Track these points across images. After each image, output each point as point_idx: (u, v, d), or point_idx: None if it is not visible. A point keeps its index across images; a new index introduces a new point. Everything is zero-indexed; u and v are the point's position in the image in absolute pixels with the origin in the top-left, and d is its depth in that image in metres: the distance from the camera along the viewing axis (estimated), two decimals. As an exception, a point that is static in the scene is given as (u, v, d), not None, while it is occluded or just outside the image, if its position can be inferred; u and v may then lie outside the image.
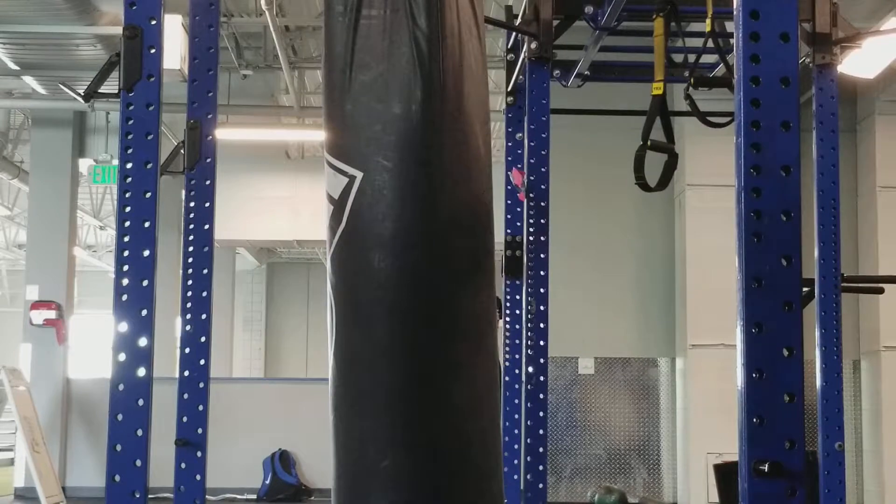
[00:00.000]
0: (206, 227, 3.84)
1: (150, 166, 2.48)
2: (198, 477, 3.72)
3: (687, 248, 8.68)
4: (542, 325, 4.03)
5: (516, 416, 4.41)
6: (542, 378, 4.01)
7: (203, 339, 3.79)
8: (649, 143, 3.59)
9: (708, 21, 3.45)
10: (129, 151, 2.48)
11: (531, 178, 4.10)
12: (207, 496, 3.82)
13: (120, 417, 2.40)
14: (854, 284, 4.79)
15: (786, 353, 1.74)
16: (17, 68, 8.28)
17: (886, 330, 8.38)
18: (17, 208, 15.59)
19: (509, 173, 4.51)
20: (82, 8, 7.06)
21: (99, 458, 8.99)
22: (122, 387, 2.40)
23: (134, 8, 2.50)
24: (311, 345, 19.52)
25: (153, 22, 2.49)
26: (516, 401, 4.43)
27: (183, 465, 3.73)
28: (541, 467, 3.94)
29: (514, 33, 4.62)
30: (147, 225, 2.45)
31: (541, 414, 3.98)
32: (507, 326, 4.54)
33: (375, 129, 2.66)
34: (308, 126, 10.40)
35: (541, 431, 3.96)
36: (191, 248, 3.82)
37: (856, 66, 5.54)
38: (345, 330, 2.71)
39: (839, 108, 4.21)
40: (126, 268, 2.44)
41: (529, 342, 4.03)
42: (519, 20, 4.33)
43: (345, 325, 2.71)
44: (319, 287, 18.26)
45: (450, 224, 2.70)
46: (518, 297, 4.42)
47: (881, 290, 4.74)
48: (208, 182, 3.85)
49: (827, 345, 4.10)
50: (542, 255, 4.07)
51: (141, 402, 2.40)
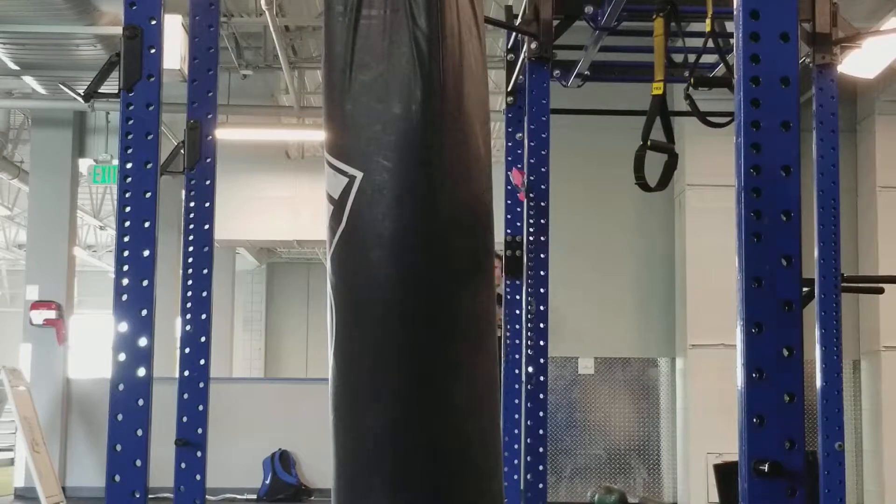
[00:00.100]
0: (206, 227, 3.84)
1: (150, 166, 2.48)
2: (198, 477, 3.72)
3: (687, 248, 8.68)
4: (542, 325, 4.03)
5: (516, 416, 4.41)
6: (542, 378, 4.01)
7: (203, 339, 3.79)
8: (649, 143, 3.59)
9: (708, 21, 3.45)
10: (129, 151, 2.48)
11: (531, 178, 4.10)
12: (207, 496, 3.82)
13: (120, 417, 2.40)
14: (854, 284, 4.79)
15: (786, 353, 1.74)
16: (17, 68, 8.27)
17: (886, 330, 8.37)
18: (17, 208, 15.58)
19: (509, 173, 4.51)
20: (82, 8, 7.05)
21: (99, 458, 8.98)
22: (122, 387, 2.41)
23: (134, 8, 2.50)
24: (311, 345, 19.51)
25: (153, 22, 2.49)
26: (516, 401, 4.43)
27: (183, 465, 3.73)
28: (541, 467, 3.94)
29: (514, 33, 4.62)
30: (147, 225, 2.45)
31: (541, 414, 3.98)
32: (507, 326, 4.54)
33: (375, 129, 2.66)
34: (308, 126, 10.40)
35: (541, 431, 3.96)
36: (191, 248, 3.83)
37: (856, 66, 5.54)
38: (345, 330, 2.71)
39: (839, 108, 4.21)
40: (126, 268, 2.44)
41: (529, 342, 4.03)
42: (519, 20, 4.33)
43: (345, 325, 2.71)
44: (319, 287, 18.26)
45: (450, 224, 2.70)
46: (518, 297, 4.42)
47: (881, 290, 4.74)
48: (208, 182, 3.85)
49: (827, 345, 4.10)
50: (542, 255, 4.07)
51: (141, 402, 2.40)
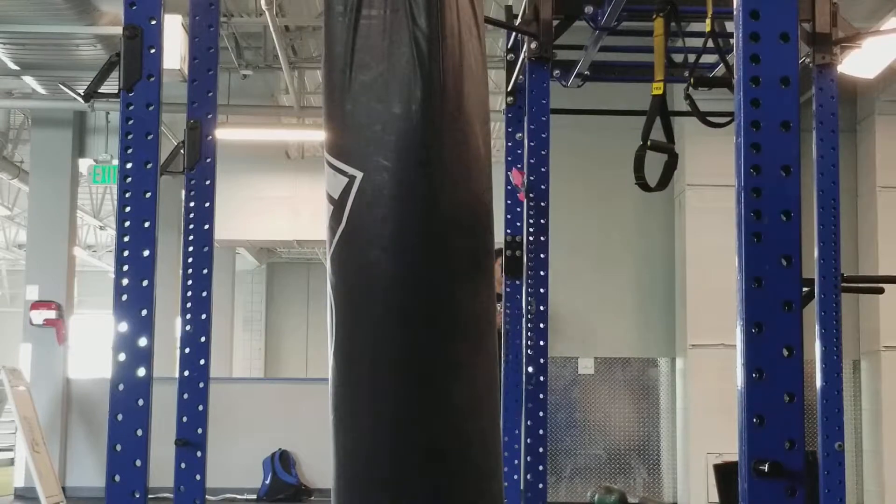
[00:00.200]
0: (206, 227, 3.84)
1: (150, 166, 2.48)
2: (198, 477, 3.72)
3: (687, 248, 8.67)
4: (542, 325, 4.03)
5: (516, 416, 4.41)
6: (542, 378, 4.00)
7: (203, 339, 3.79)
8: (649, 143, 3.59)
9: (708, 21, 3.45)
10: (129, 151, 2.48)
11: (531, 178, 4.10)
12: (207, 496, 3.82)
13: (120, 417, 2.40)
14: (854, 284, 4.79)
15: (786, 353, 1.74)
16: (17, 68, 8.27)
17: (886, 330, 8.37)
18: (17, 208, 15.58)
19: (509, 173, 4.51)
20: (82, 8, 7.05)
21: (99, 458, 8.98)
22: (122, 387, 2.40)
23: (134, 8, 2.50)
24: (311, 345, 19.51)
25: (153, 22, 2.49)
26: (516, 401, 4.43)
27: (183, 465, 3.73)
28: (541, 467, 3.94)
29: (514, 33, 4.62)
30: (147, 225, 2.45)
31: (541, 414, 3.98)
32: (507, 326, 4.54)
33: (375, 129, 2.66)
34: (308, 126, 10.39)
35: (541, 431, 3.96)
36: (191, 248, 3.83)
37: (856, 66, 5.54)
38: (345, 330, 2.71)
39: (839, 108, 4.21)
40: (126, 268, 2.44)
41: (529, 342, 4.03)
42: (519, 20, 4.33)
43: (345, 325, 2.71)
44: (319, 287, 18.25)
45: (450, 224, 2.70)
46: (518, 297, 4.42)
47: (881, 290, 4.74)
48: (208, 182, 3.85)
49: (827, 345, 4.10)
50: (542, 255, 4.07)
51: (141, 402, 2.40)
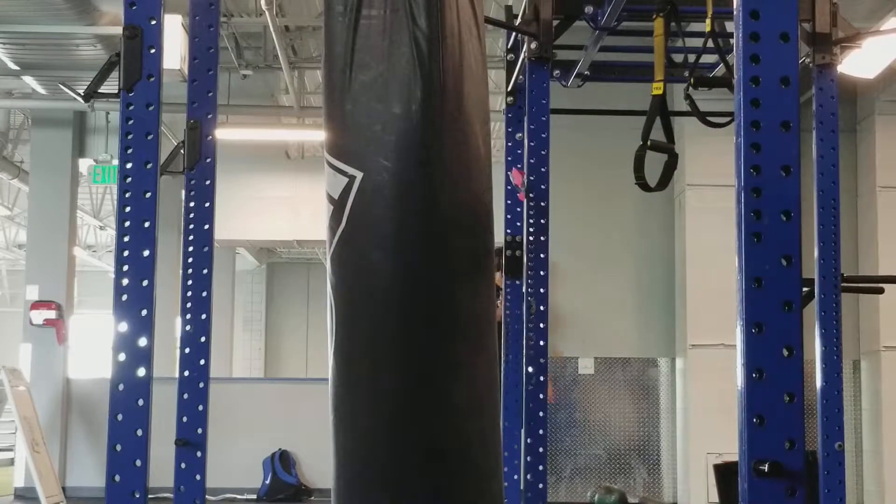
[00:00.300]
0: (206, 227, 3.84)
1: (150, 166, 2.48)
2: (198, 477, 3.72)
3: (687, 248, 8.67)
4: (542, 325, 4.03)
5: (516, 416, 4.41)
6: (542, 378, 4.01)
7: (203, 339, 3.79)
8: (649, 143, 3.59)
9: (708, 21, 3.45)
10: (129, 151, 2.48)
11: (531, 178, 4.10)
12: (207, 496, 3.82)
13: (120, 417, 2.40)
14: (854, 284, 4.79)
15: (786, 353, 1.74)
16: (17, 68, 8.27)
17: (886, 330, 8.37)
18: (17, 208, 15.58)
19: (509, 173, 4.51)
20: (82, 8, 7.05)
21: (99, 458, 8.98)
22: (122, 387, 2.40)
23: (134, 8, 2.50)
24: (311, 345, 19.51)
25: (153, 22, 2.49)
26: (516, 401, 4.43)
27: (183, 465, 3.73)
28: (541, 467, 3.94)
29: (514, 33, 4.62)
30: (147, 225, 2.45)
31: (541, 414, 3.98)
32: (507, 327, 4.54)
33: (375, 129, 2.67)
34: (308, 126, 10.39)
35: (541, 431, 3.96)
36: (191, 248, 3.83)
37: (856, 66, 5.54)
38: (345, 330, 2.71)
39: (839, 108, 4.21)
40: (126, 268, 2.44)
41: (529, 342, 4.03)
42: (519, 20, 4.33)
43: (345, 325, 2.71)
44: (319, 287, 18.25)
45: (450, 224, 2.70)
46: (518, 297, 4.42)
47: (881, 290, 4.74)
48: (208, 182, 3.85)
49: (827, 345, 4.10)
50: (542, 255, 4.07)
51: (141, 402, 2.40)
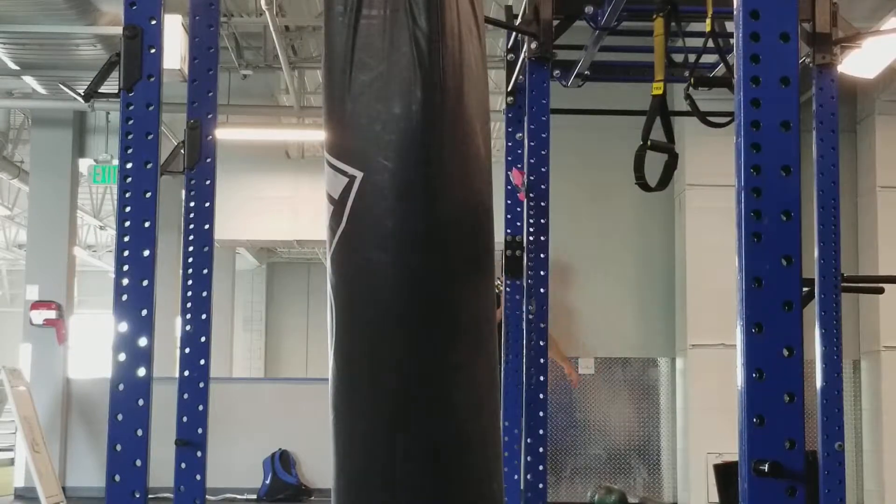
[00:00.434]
0: (206, 227, 3.84)
1: (150, 166, 2.48)
2: (198, 477, 3.72)
3: (687, 248, 8.67)
4: (542, 325, 4.03)
5: (516, 416, 4.41)
6: (542, 378, 4.01)
7: (203, 339, 3.79)
8: (649, 142, 3.59)
9: (708, 21, 3.45)
10: (129, 151, 2.48)
11: (531, 178, 4.10)
12: (207, 496, 3.82)
13: (120, 417, 2.40)
14: (854, 284, 4.78)
15: (786, 353, 1.74)
16: (17, 68, 8.27)
17: (886, 330, 8.37)
18: (17, 208, 15.58)
19: (509, 173, 4.51)
20: (82, 8, 7.05)
21: (99, 458, 8.98)
22: (122, 387, 2.41)
23: (134, 8, 2.50)
24: (311, 345, 19.51)
25: (153, 22, 2.49)
26: (516, 401, 4.43)
27: (183, 465, 3.73)
28: (541, 467, 3.94)
29: (514, 33, 4.62)
30: (147, 225, 2.45)
31: (541, 414, 3.98)
32: (507, 327, 4.53)
33: (375, 128, 2.66)
34: (308, 126, 10.40)
35: (541, 431, 3.96)
36: (191, 248, 3.83)
37: (856, 66, 5.54)
38: (345, 330, 2.71)
39: (839, 108, 4.21)
40: (126, 268, 2.44)
41: (529, 342, 4.03)
42: (519, 20, 4.33)
43: (345, 325, 2.71)
44: (319, 287, 18.25)
45: (450, 224, 2.70)
46: (518, 297, 4.42)
47: (881, 290, 4.74)
48: (208, 182, 3.85)
49: (827, 345, 4.10)
50: (542, 255, 4.07)
51: (141, 402, 2.40)
